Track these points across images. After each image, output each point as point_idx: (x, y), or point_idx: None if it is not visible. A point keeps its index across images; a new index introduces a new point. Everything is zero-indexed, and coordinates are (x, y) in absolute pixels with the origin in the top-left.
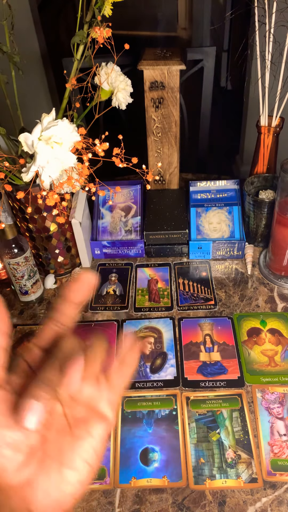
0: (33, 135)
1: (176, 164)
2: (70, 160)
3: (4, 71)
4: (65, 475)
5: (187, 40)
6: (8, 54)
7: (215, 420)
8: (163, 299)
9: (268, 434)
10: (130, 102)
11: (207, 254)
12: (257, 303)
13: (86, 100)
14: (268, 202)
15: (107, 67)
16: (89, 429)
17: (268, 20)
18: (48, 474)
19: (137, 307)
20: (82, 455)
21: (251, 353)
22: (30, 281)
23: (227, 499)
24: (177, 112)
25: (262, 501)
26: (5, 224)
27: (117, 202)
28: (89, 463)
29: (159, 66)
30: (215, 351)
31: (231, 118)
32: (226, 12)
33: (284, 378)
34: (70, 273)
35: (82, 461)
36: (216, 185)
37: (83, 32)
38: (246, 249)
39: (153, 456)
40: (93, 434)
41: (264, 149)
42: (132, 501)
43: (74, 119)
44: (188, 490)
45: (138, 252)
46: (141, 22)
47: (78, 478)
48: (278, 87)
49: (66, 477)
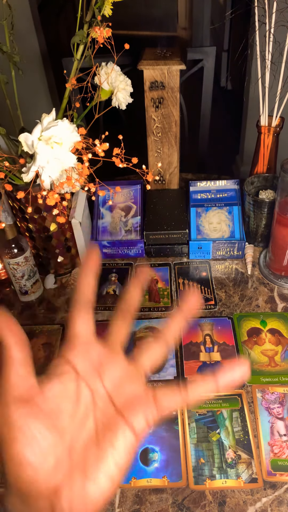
0: (33, 135)
1: (176, 164)
2: (70, 160)
3: (4, 71)
4: (87, 488)
5: (187, 40)
6: (8, 54)
7: (215, 420)
8: (163, 299)
9: (268, 434)
10: (130, 102)
11: (207, 254)
12: (257, 303)
13: (86, 100)
14: (268, 202)
15: (107, 67)
16: (114, 440)
17: (268, 20)
18: (72, 485)
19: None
20: (106, 471)
21: (251, 353)
22: (30, 281)
23: (227, 499)
24: (177, 112)
25: (262, 501)
26: (5, 224)
27: (117, 202)
28: (112, 478)
29: (159, 66)
30: (215, 351)
31: (231, 118)
32: (226, 12)
33: (284, 378)
34: (70, 273)
35: (105, 477)
36: (216, 185)
37: (83, 32)
38: (246, 249)
39: (153, 456)
40: (117, 447)
41: (264, 149)
42: (132, 501)
43: (74, 119)
44: (188, 490)
45: (138, 252)
46: (141, 22)
47: (100, 493)
48: (278, 87)
49: (88, 491)
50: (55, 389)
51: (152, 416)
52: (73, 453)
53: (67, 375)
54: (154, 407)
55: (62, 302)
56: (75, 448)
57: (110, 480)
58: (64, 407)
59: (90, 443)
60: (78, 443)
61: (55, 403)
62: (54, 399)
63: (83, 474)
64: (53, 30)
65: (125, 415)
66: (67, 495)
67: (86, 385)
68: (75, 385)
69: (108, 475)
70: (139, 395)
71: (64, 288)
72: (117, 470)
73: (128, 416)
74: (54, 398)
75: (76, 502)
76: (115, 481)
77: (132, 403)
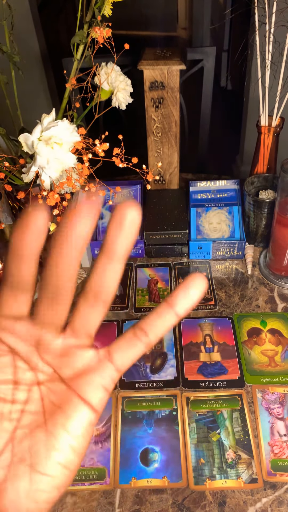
0: (33, 136)
1: (176, 164)
2: (70, 160)
3: (4, 71)
4: (37, 482)
5: (187, 40)
6: (8, 54)
7: (215, 420)
8: (163, 299)
9: (268, 435)
10: (130, 102)
11: (207, 254)
12: (257, 303)
13: (86, 100)
14: (268, 202)
15: (107, 67)
16: (66, 421)
17: (268, 20)
18: (17, 481)
19: (137, 307)
20: (59, 458)
21: (251, 353)
22: None
23: (227, 500)
24: (177, 112)
25: (263, 502)
26: (5, 224)
27: (117, 202)
28: (67, 466)
29: (159, 66)
30: (215, 351)
31: (231, 118)
32: (226, 12)
33: (284, 378)
34: None
35: (57, 464)
36: (216, 185)
37: (83, 32)
38: (246, 249)
39: (153, 457)
40: (70, 429)
41: (264, 149)
42: (132, 501)
43: (74, 119)
44: (188, 491)
45: (138, 252)
46: (141, 22)
47: (53, 483)
48: (278, 87)
49: (38, 484)
50: None
51: (111, 380)
52: (16, 443)
53: None
54: (112, 367)
55: None
56: (18, 438)
57: (65, 468)
58: (0, 391)
59: (36, 429)
60: (21, 430)
61: None
62: None
63: (30, 467)
64: (53, 30)
65: (77, 388)
66: (12, 494)
67: (24, 364)
68: (11, 366)
69: (62, 463)
70: (90, 361)
71: None
72: (74, 455)
73: (81, 388)
74: None
75: (23, 500)
76: (72, 468)
77: (83, 372)
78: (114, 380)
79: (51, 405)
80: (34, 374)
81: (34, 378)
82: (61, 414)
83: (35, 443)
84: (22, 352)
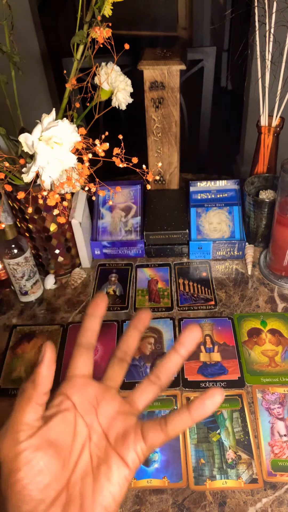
0: (33, 136)
1: (176, 164)
2: (70, 160)
3: (4, 71)
4: None
5: (187, 40)
6: (8, 54)
7: (216, 420)
8: (163, 299)
9: (269, 435)
10: (130, 102)
11: (207, 254)
12: (257, 303)
13: (86, 100)
14: (269, 202)
15: (107, 67)
16: (109, 472)
17: (268, 20)
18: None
19: (137, 307)
20: (102, 503)
21: (251, 354)
22: (30, 281)
23: (227, 500)
24: (177, 112)
25: (263, 502)
26: (5, 224)
27: (117, 202)
28: (107, 509)
29: (159, 66)
30: (215, 352)
31: (231, 118)
32: (226, 12)
33: (284, 378)
34: (70, 273)
35: (102, 509)
36: (216, 185)
37: (83, 32)
38: (246, 249)
39: (153, 457)
40: (112, 479)
41: (264, 149)
42: (132, 501)
43: (74, 119)
44: (188, 491)
45: (138, 252)
46: (141, 22)
47: None
48: (278, 87)
49: None
50: (57, 423)
51: (142, 451)
52: (71, 486)
53: (66, 411)
54: (143, 442)
55: (62, 302)
56: (72, 481)
57: (106, 511)
58: (64, 441)
59: (86, 476)
60: (75, 476)
61: (57, 436)
62: (56, 433)
63: (80, 507)
64: (53, 30)
65: (118, 450)
66: None
67: (83, 420)
68: (74, 420)
69: (104, 507)
70: (129, 431)
71: (64, 289)
72: (113, 502)
73: (121, 450)
74: (56, 432)
75: None
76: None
77: (123, 438)
78: (144, 452)
79: (97, 458)
80: (88, 431)
81: (88, 433)
82: (105, 467)
83: (84, 488)
84: (82, 410)
